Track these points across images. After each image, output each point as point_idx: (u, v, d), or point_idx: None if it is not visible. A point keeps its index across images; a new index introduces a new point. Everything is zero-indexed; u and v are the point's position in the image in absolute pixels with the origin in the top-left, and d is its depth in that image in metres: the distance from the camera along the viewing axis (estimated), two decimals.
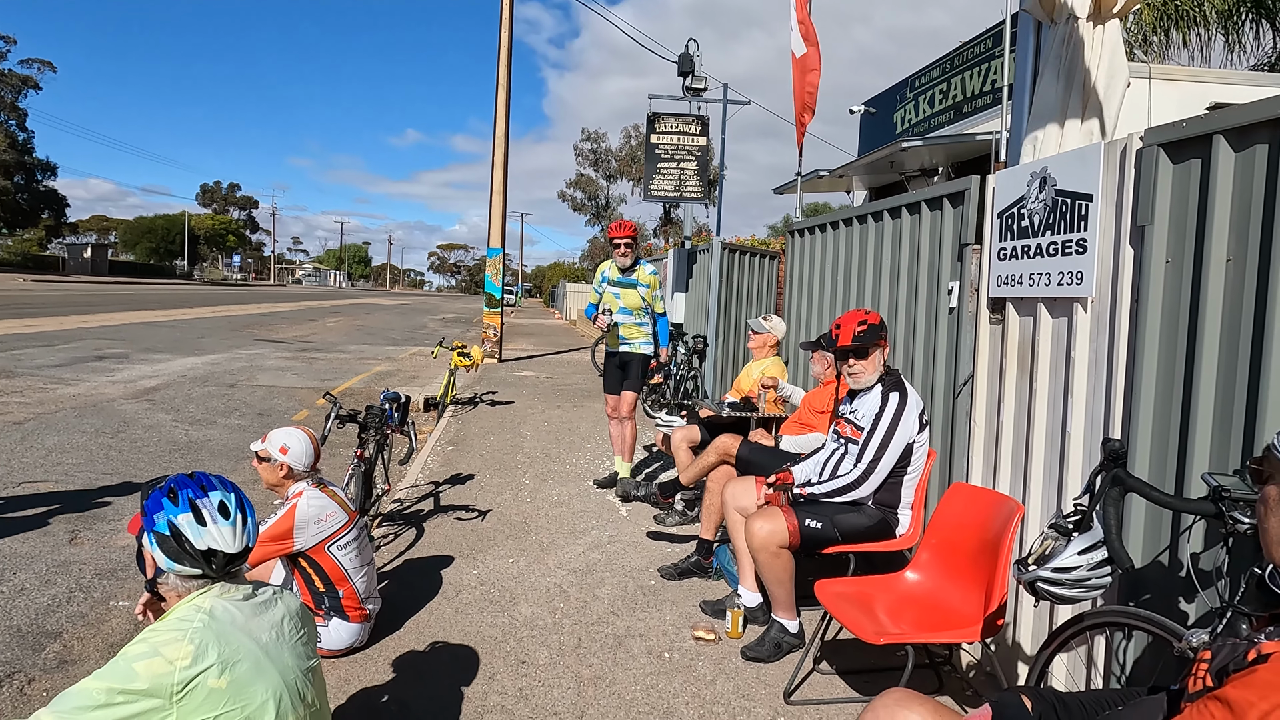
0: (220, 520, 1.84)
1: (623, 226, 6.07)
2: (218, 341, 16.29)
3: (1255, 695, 1.07)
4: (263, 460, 3.30)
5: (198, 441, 7.24)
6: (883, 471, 3.49)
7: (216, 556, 1.82)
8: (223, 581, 1.86)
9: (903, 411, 3.50)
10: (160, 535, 1.80)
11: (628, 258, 6.01)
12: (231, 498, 1.90)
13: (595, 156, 49.93)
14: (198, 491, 1.86)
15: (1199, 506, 2.06)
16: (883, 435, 3.48)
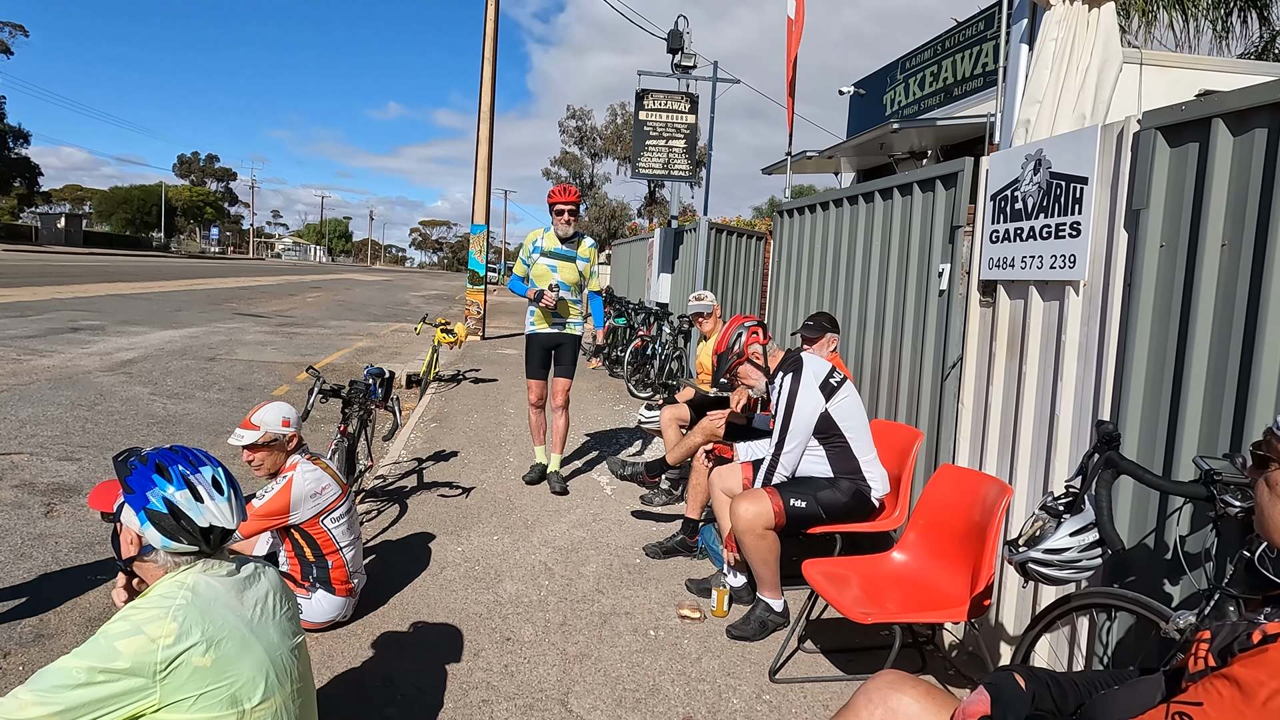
0: (217, 495, 1.80)
1: (567, 190, 5.44)
2: (196, 315, 16.06)
3: (1265, 674, 1.08)
4: (263, 446, 3.22)
5: (176, 415, 7.14)
6: (793, 449, 3.56)
7: (214, 532, 1.78)
8: (207, 557, 1.82)
9: (797, 388, 3.55)
10: (155, 513, 1.74)
11: (571, 226, 5.43)
12: (220, 472, 1.86)
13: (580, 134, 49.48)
14: (190, 467, 1.81)
15: (1190, 489, 2.07)
16: (783, 418, 3.57)
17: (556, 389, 5.64)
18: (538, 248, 5.48)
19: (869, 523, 3.69)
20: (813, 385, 3.57)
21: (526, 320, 5.62)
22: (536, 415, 5.78)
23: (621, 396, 9.80)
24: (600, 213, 49.34)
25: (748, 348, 3.76)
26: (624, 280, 15.88)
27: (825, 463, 3.62)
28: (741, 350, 3.76)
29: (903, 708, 1.51)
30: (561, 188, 5.46)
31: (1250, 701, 1.07)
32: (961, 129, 10.02)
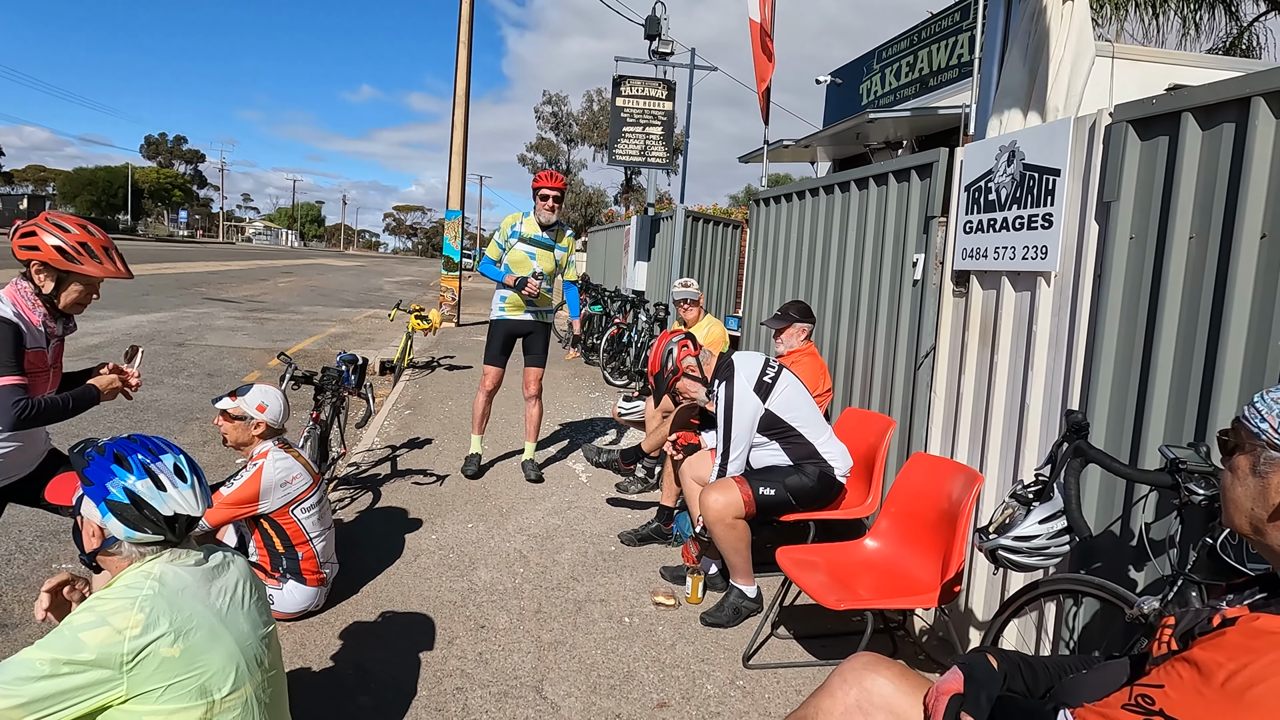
0: (180, 484, 1.76)
1: (554, 176, 5.24)
2: (164, 299, 15.79)
3: (1223, 656, 1.10)
4: (234, 418, 3.21)
5: (143, 401, 7.02)
6: (739, 455, 3.60)
7: (179, 521, 1.75)
8: (173, 547, 1.79)
9: (732, 394, 3.58)
10: (117, 504, 1.70)
11: (555, 213, 5.23)
12: (183, 460, 1.83)
13: (556, 120, 49.14)
14: (150, 455, 1.78)
15: (1156, 478, 2.11)
16: (724, 425, 3.60)
17: (529, 378, 5.52)
18: (516, 233, 5.28)
19: (841, 510, 3.72)
20: (747, 389, 3.59)
21: (495, 304, 5.44)
22: (485, 403, 5.53)
23: (597, 384, 9.79)
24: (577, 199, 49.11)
25: (681, 363, 3.77)
26: (600, 268, 15.84)
27: (782, 454, 3.65)
28: (676, 366, 3.77)
29: (877, 689, 1.53)
30: (548, 173, 5.28)
31: (1209, 683, 1.10)
32: (937, 119, 10.09)
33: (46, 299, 2.59)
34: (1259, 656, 1.07)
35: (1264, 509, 1.19)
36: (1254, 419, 1.23)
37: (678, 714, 2.82)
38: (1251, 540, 1.25)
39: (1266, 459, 1.19)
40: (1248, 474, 1.22)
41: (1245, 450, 1.23)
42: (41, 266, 2.54)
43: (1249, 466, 1.22)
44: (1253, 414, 1.24)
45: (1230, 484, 1.26)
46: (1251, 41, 13.16)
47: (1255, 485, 1.21)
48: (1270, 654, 1.06)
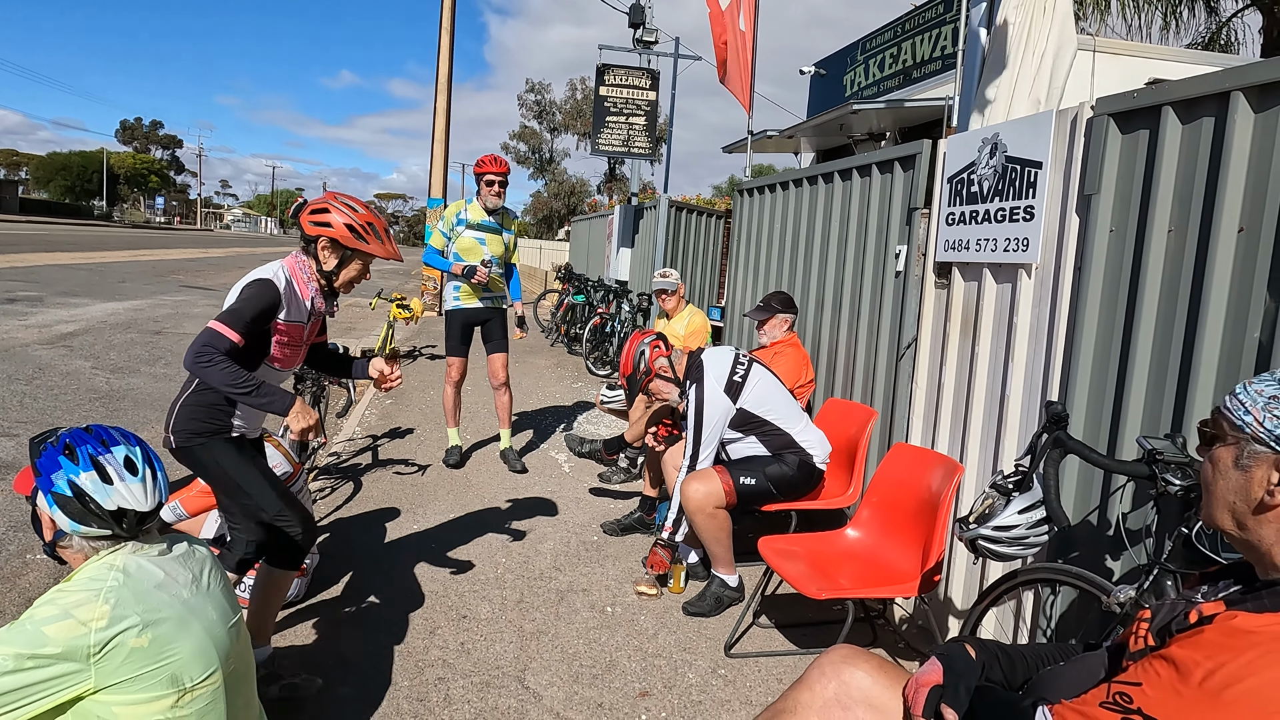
0: (128, 477, 1.71)
1: (498, 161, 5.25)
2: (140, 287, 15.57)
3: (1201, 655, 1.10)
4: None
5: (120, 390, 6.93)
6: (707, 452, 3.59)
7: (128, 516, 1.69)
8: (121, 541, 1.76)
9: (703, 396, 3.57)
10: (60, 496, 1.66)
11: (501, 198, 5.25)
12: (137, 451, 1.76)
13: (539, 108, 48.80)
14: (99, 447, 1.72)
15: (1133, 469, 2.13)
16: (694, 426, 3.60)
17: (495, 366, 5.49)
18: (462, 220, 5.25)
19: (823, 500, 3.74)
20: (717, 390, 3.59)
21: (449, 295, 5.39)
22: (454, 395, 5.55)
23: (580, 374, 9.77)
24: (560, 189, 48.91)
25: (653, 363, 3.77)
26: (583, 257, 15.78)
27: (760, 446, 3.65)
28: (648, 368, 3.77)
29: (855, 681, 1.54)
30: (492, 157, 5.25)
31: (1187, 681, 1.10)
32: (920, 111, 10.11)
33: (326, 275, 2.64)
34: (1237, 656, 1.07)
35: (1246, 503, 1.18)
36: (1237, 411, 1.21)
37: (660, 703, 2.83)
38: (1232, 535, 1.23)
39: (1250, 452, 1.17)
40: (1230, 467, 1.21)
41: (1227, 442, 1.22)
42: (329, 243, 2.60)
43: (1231, 460, 1.20)
44: (1235, 405, 1.21)
45: (1211, 477, 1.24)
46: (1230, 37, 13.29)
47: (1238, 479, 1.19)
48: (1248, 653, 1.07)
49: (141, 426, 5.89)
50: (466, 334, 5.43)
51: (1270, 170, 2.15)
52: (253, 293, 2.46)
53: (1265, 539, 1.17)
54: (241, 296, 2.45)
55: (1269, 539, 1.16)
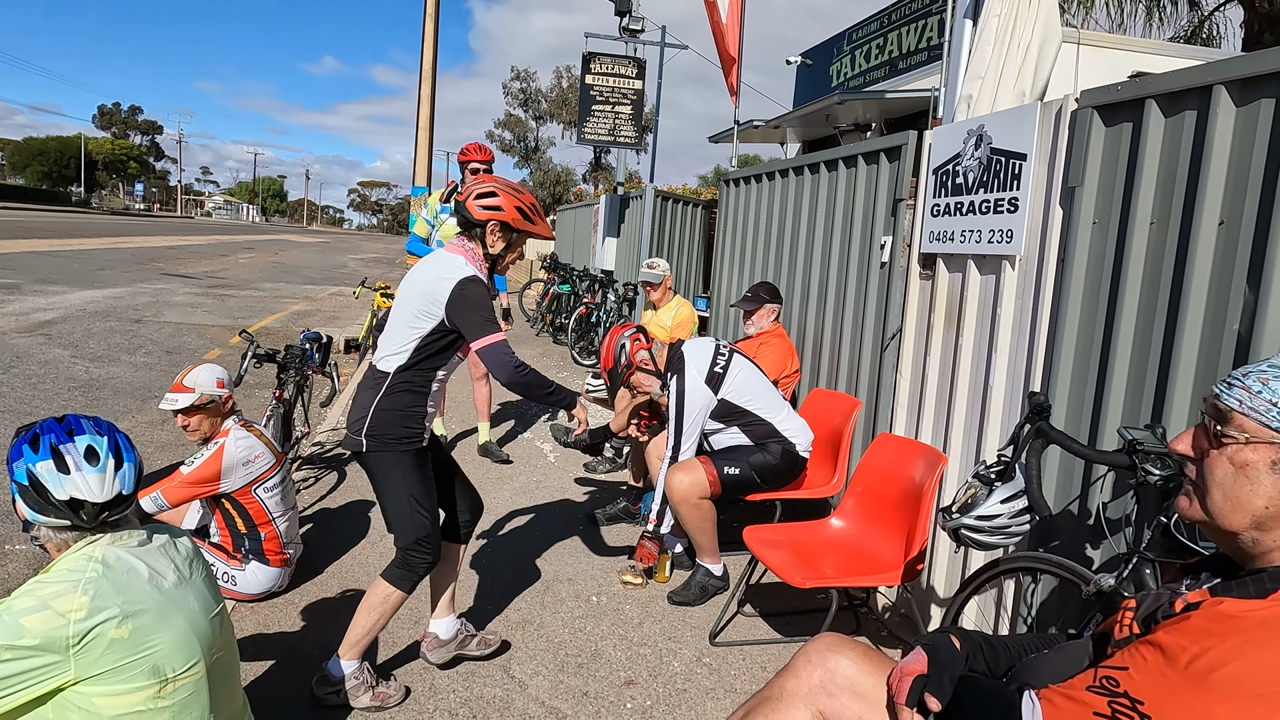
0: (86, 467, 1.67)
1: (482, 149, 5.16)
2: (119, 274, 15.38)
3: (1187, 640, 1.12)
4: (198, 409, 3.12)
5: (99, 379, 6.85)
6: (689, 442, 3.59)
7: (84, 507, 1.66)
8: (111, 530, 1.74)
9: (684, 388, 3.58)
10: (20, 486, 1.65)
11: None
12: (103, 441, 1.73)
13: (525, 96, 48.47)
14: (62, 436, 1.69)
15: (1114, 459, 2.15)
16: (675, 417, 3.61)
17: (475, 358, 5.44)
18: (446, 208, 5.14)
19: (807, 489, 3.76)
20: (698, 381, 3.59)
21: None
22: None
23: (565, 364, 9.76)
24: (545, 178, 48.65)
25: (634, 356, 3.75)
26: (569, 247, 15.74)
27: (742, 436, 3.66)
28: (629, 361, 3.76)
29: (840, 669, 1.55)
30: (476, 145, 5.19)
31: (1173, 665, 1.12)
32: (906, 102, 10.14)
33: (492, 259, 2.64)
34: (1222, 640, 1.09)
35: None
36: (1269, 412, 1.15)
37: (645, 691, 2.84)
38: (1237, 537, 1.20)
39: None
40: (1264, 471, 1.15)
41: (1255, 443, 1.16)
42: (499, 226, 2.59)
43: (1267, 464, 1.15)
44: (1263, 406, 1.16)
45: (1230, 480, 1.17)
46: (1212, 31, 13.39)
47: (1275, 484, 1.15)
48: (1233, 638, 1.08)
49: (121, 416, 5.83)
50: None
51: (1251, 164, 2.17)
52: (478, 292, 2.50)
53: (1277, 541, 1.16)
54: (472, 300, 2.48)
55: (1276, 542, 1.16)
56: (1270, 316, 2.07)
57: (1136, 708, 1.13)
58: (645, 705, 2.76)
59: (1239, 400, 1.19)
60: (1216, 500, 1.20)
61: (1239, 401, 1.18)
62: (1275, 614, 1.08)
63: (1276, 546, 1.17)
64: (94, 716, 1.58)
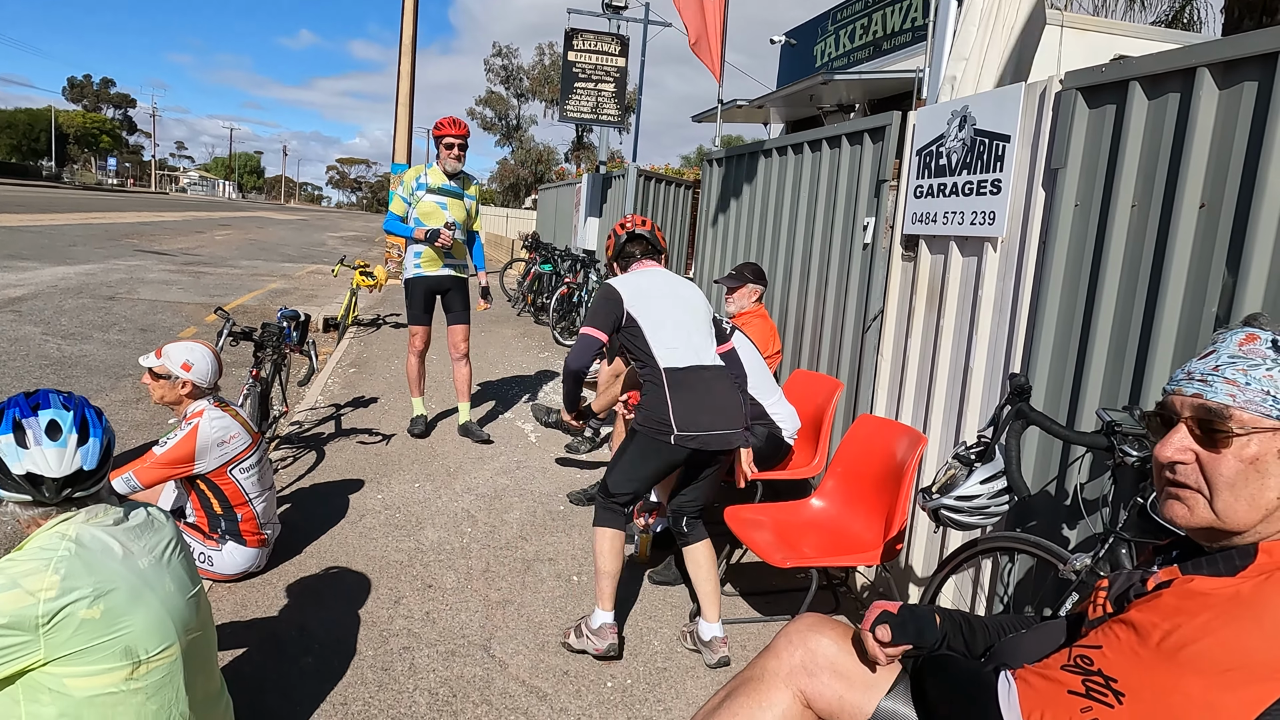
0: (45, 441, 1.64)
1: (457, 123, 5.11)
2: (92, 251, 15.10)
3: (1158, 617, 1.13)
4: (159, 377, 3.08)
5: (72, 357, 6.74)
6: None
7: (44, 482, 1.63)
8: (87, 506, 1.70)
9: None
10: None
11: (461, 161, 5.11)
12: (68, 417, 1.69)
13: (506, 74, 47.93)
14: (26, 410, 1.66)
15: (1093, 440, 2.17)
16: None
17: (456, 338, 5.41)
18: (423, 185, 5.12)
19: (788, 470, 3.77)
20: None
21: (410, 262, 5.28)
22: (418, 364, 5.45)
23: (546, 344, 9.72)
24: (527, 156, 48.27)
25: None
26: (550, 226, 15.63)
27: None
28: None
29: (821, 649, 1.56)
30: (450, 119, 5.12)
31: (1145, 643, 1.13)
32: (890, 83, 10.12)
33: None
34: (1192, 618, 1.10)
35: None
36: (1266, 403, 1.13)
37: (625, 670, 2.85)
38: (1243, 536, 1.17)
39: None
40: (1275, 460, 1.13)
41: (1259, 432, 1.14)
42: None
43: (1274, 453, 1.13)
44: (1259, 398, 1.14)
45: (1244, 478, 1.14)
46: (1192, 16, 13.45)
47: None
48: (1203, 615, 1.09)
49: (95, 394, 5.74)
50: (429, 302, 5.34)
51: (1232, 147, 2.17)
52: None
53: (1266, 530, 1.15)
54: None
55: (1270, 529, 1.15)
56: (1248, 299, 2.09)
57: (1110, 685, 1.15)
58: (626, 684, 2.77)
59: (1230, 395, 1.15)
60: (1227, 501, 1.15)
61: (1231, 397, 1.15)
62: (1243, 590, 1.09)
63: (1254, 532, 1.18)
64: (64, 697, 1.56)
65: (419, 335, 5.36)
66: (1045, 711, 1.21)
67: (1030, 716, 1.22)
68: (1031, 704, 1.23)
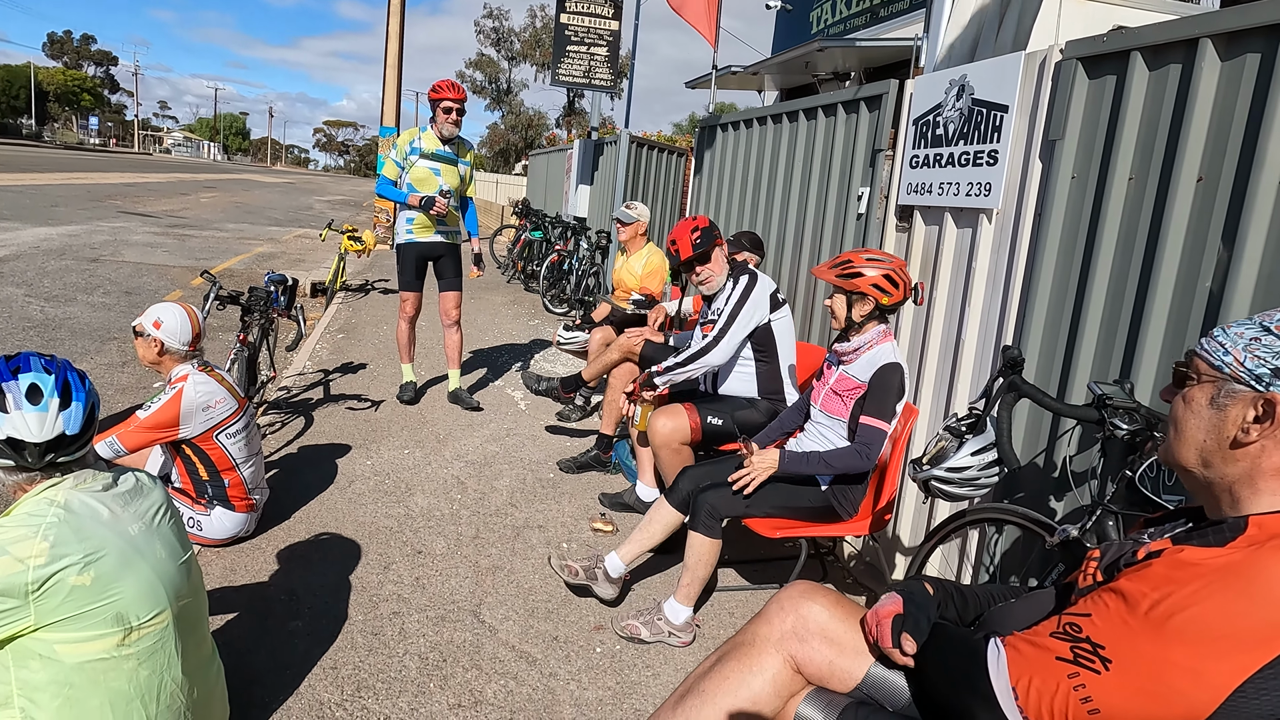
0: (26, 405, 1.61)
1: (455, 87, 5.01)
2: (75, 212, 14.86)
3: (1148, 586, 1.15)
4: (139, 335, 3.06)
5: (55, 319, 6.66)
6: (733, 340, 3.52)
7: (26, 447, 1.61)
8: (74, 472, 1.68)
9: (752, 289, 3.56)
10: None
11: (458, 126, 5.04)
12: (50, 380, 1.66)
13: (497, 36, 47.11)
14: (5, 374, 1.64)
15: (1084, 413, 2.18)
16: (732, 308, 3.54)
17: (448, 304, 5.37)
18: (416, 149, 5.03)
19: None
20: (765, 294, 3.58)
21: (401, 227, 5.20)
22: (409, 330, 5.40)
23: (537, 311, 9.68)
24: (517, 121, 47.66)
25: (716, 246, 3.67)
26: (541, 193, 15.47)
27: (753, 381, 3.67)
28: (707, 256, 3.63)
29: (812, 615, 1.57)
30: (449, 83, 5.01)
31: (1134, 612, 1.15)
32: (887, 51, 10.00)
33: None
34: (1181, 587, 1.11)
35: (1218, 441, 1.20)
36: (1216, 352, 1.22)
37: (614, 636, 2.87)
38: (1193, 474, 1.26)
39: (1227, 391, 1.20)
40: (1204, 406, 1.23)
41: (1203, 383, 1.24)
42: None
43: (1207, 399, 1.23)
44: (1214, 347, 1.23)
45: (1183, 416, 1.26)
46: None
47: (1212, 417, 1.22)
48: (1192, 584, 1.11)
49: (80, 357, 5.68)
50: (420, 268, 5.27)
51: (1232, 120, 2.16)
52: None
53: (1229, 476, 1.20)
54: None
55: (1232, 476, 1.20)
56: (1243, 274, 2.09)
57: (1098, 652, 1.16)
58: (615, 650, 2.80)
59: (1200, 345, 1.27)
60: (1171, 436, 1.29)
61: (1200, 346, 1.27)
62: (1232, 561, 1.11)
63: (1233, 491, 1.20)
64: (55, 664, 1.55)
65: (410, 301, 5.31)
66: (1034, 677, 1.22)
67: (1019, 682, 1.24)
68: (1020, 670, 1.24)
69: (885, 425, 2.78)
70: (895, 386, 2.80)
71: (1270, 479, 1.16)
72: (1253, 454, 1.17)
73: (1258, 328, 1.20)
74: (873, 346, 2.87)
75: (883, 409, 2.78)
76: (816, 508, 2.92)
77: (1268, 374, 1.16)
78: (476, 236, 5.52)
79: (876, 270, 2.80)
